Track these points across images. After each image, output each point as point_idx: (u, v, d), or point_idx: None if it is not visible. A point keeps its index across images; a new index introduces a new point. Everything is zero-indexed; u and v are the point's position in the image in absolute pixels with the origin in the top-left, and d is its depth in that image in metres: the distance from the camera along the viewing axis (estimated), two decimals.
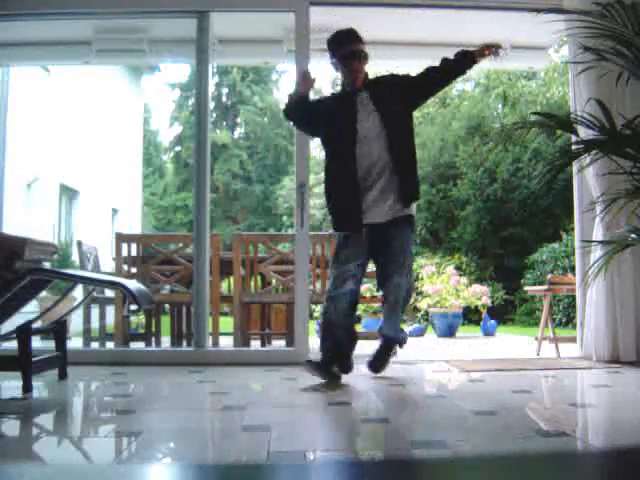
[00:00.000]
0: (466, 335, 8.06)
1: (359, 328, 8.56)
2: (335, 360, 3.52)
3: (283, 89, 24.70)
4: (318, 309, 8.52)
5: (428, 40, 5.57)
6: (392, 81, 3.69)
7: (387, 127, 3.48)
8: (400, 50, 5.68)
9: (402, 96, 3.57)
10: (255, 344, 5.58)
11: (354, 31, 3.61)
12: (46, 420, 2.77)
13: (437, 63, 3.77)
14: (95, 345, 5.22)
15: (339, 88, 3.84)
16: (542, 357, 4.79)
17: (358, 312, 8.52)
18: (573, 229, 4.87)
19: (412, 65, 5.22)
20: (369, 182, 3.46)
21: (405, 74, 3.78)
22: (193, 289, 4.58)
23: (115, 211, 12.74)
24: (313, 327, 7.39)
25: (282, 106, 3.75)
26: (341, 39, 3.59)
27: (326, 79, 20.72)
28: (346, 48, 3.56)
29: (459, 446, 2.08)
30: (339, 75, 3.68)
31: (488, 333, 8.11)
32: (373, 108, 3.52)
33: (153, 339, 5.37)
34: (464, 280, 8.56)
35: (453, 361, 4.45)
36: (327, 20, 5.16)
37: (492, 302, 9.22)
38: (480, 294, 8.33)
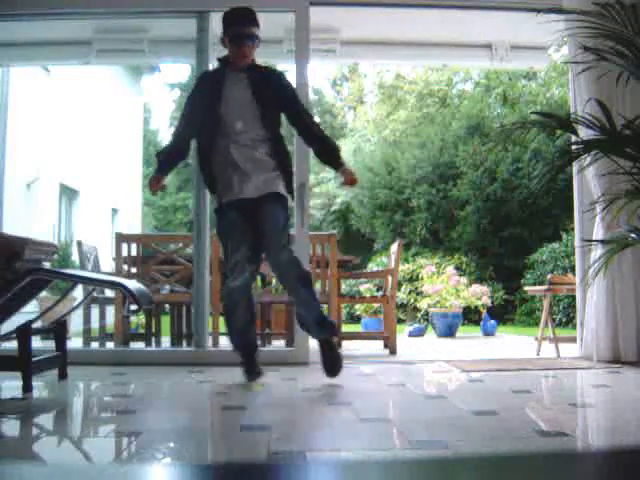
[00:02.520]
0: (466, 335, 8.06)
1: (359, 328, 8.58)
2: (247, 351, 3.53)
3: None
4: None
5: (428, 40, 5.58)
6: (276, 80, 3.57)
7: (258, 103, 3.41)
8: (400, 50, 5.69)
9: (278, 98, 3.51)
10: None
11: (251, 12, 3.50)
12: (46, 420, 2.78)
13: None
14: (95, 345, 5.22)
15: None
16: (542, 357, 4.79)
17: (358, 312, 8.53)
18: (573, 229, 4.87)
19: (412, 65, 5.22)
20: (233, 158, 3.42)
21: (290, 86, 3.67)
22: (193, 289, 4.58)
23: (115, 211, 12.74)
24: None
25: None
26: (236, 18, 3.46)
27: (325, 79, 20.75)
28: (240, 29, 3.43)
29: (459, 446, 2.08)
30: (226, 51, 3.55)
31: (488, 333, 8.11)
32: (248, 88, 3.44)
33: (153, 339, 5.37)
34: (464, 280, 8.57)
35: (453, 361, 4.45)
36: (327, 20, 5.18)
37: (492, 302, 9.23)
38: (480, 294, 8.33)
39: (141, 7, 4.58)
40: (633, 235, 3.12)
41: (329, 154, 3.58)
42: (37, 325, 3.67)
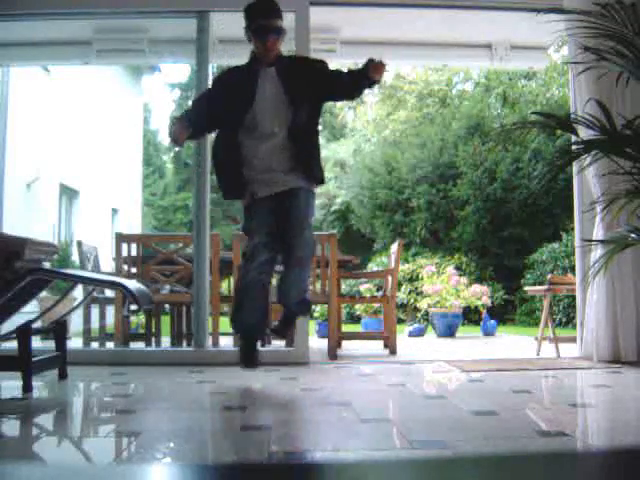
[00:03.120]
0: (466, 335, 8.06)
1: (359, 328, 8.58)
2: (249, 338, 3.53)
3: None
4: (318, 309, 8.51)
5: (428, 40, 5.58)
6: (305, 63, 3.56)
7: (291, 102, 3.34)
8: (400, 50, 5.69)
9: (311, 80, 3.42)
10: None
11: (274, 4, 3.38)
12: (46, 420, 2.78)
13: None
14: (95, 345, 5.22)
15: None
16: (542, 357, 4.79)
17: (358, 312, 8.53)
18: (573, 229, 4.87)
19: (412, 65, 5.23)
20: (262, 156, 3.37)
21: (320, 60, 3.61)
22: (193, 289, 4.58)
23: (115, 211, 12.74)
24: (313, 327, 7.39)
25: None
26: (259, 11, 3.36)
27: None
28: (264, 22, 3.34)
29: (459, 446, 2.08)
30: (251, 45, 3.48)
31: (488, 333, 8.11)
32: (281, 86, 3.37)
33: (153, 339, 5.37)
34: (464, 280, 8.56)
35: (453, 361, 4.45)
36: (327, 20, 5.18)
37: (492, 302, 9.22)
38: (480, 294, 8.33)
39: (141, 7, 4.58)
40: (633, 235, 3.12)
41: (360, 82, 3.40)
42: (37, 325, 3.67)
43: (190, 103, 3.73)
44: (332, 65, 3.71)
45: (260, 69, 3.42)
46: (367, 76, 3.29)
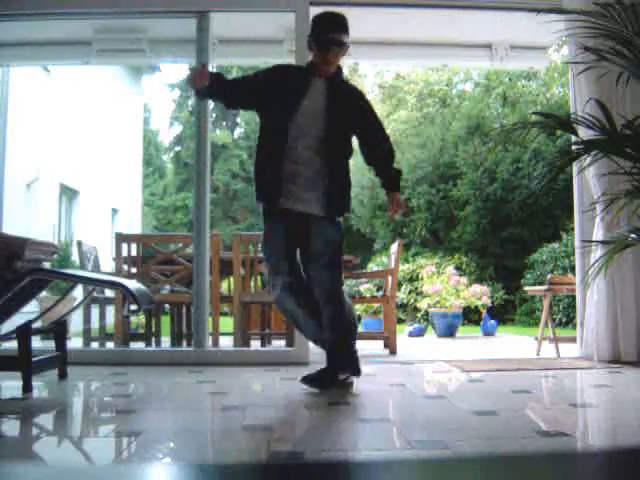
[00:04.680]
0: (466, 335, 8.06)
1: (359, 328, 8.58)
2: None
3: None
4: None
5: (428, 40, 5.57)
6: (355, 96, 3.49)
7: (328, 119, 3.31)
8: (400, 50, 5.69)
9: (352, 115, 3.41)
10: (255, 344, 5.58)
11: (343, 20, 3.38)
12: (46, 420, 2.77)
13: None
14: (95, 345, 5.22)
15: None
16: (542, 357, 4.79)
17: (358, 312, 8.54)
18: (573, 229, 4.87)
19: (412, 65, 5.23)
20: (297, 165, 3.30)
21: (369, 104, 3.57)
22: (193, 289, 4.58)
23: (115, 211, 12.74)
24: None
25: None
26: (328, 24, 3.33)
27: None
28: (332, 35, 3.30)
29: (459, 446, 2.08)
30: (310, 55, 3.45)
31: (488, 333, 8.11)
32: (325, 101, 3.33)
33: (153, 339, 5.37)
34: (464, 280, 8.56)
35: (453, 361, 4.45)
36: None
37: (492, 302, 9.22)
38: (480, 294, 8.33)
39: (141, 7, 4.58)
40: (633, 235, 3.12)
41: (387, 178, 3.46)
42: (37, 325, 3.67)
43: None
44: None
45: (312, 80, 3.39)
46: (385, 187, 3.45)
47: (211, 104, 4.89)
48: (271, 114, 3.39)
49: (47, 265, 3.78)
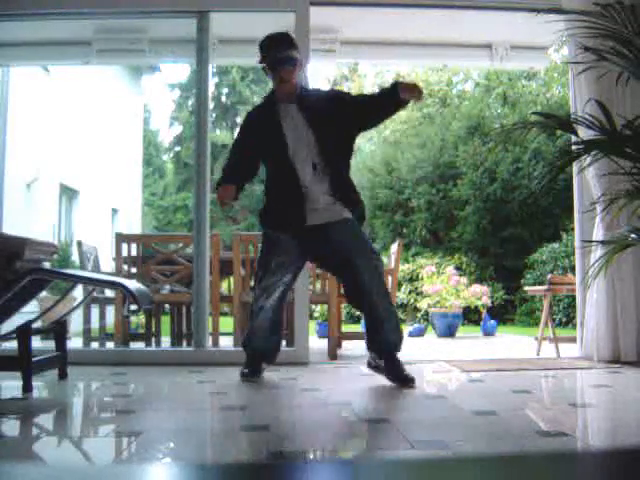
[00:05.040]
0: (466, 335, 8.06)
1: (359, 328, 8.57)
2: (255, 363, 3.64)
3: None
4: (318, 309, 8.51)
5: (428, 40, 5.58)
6: (326, 97, 3.51)
7: (317, 136, 3.34)
8: (400, 50, 5.69)
9: (336, 115, 3.38)
10: None
11: (287, 36, 3.44)
12: (46, 420, 2.77)
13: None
14: (95, 345, 5.21)
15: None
16: (542, 357, 4.79)
17: (358, 312, 8.52)
18: (573, 229, 4.87)
19: (412, 65, 5.23)
20: (309, 189, 3.37)
21: (340, 92, 3.61)
22: (193, 289, 4.58)
23: (115, 211, 12.74)
24: (313, 327, 7.39)
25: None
26: (271, 44, 3.40)
27: (326, 80, 20.75)
28: (277, 54, 3.36)
29: (459, 446, 2.08)
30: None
31: (488, 333, 8.11)
32: (305, 124, 3.36)
33: (153, 339, 5.37)
34: (464, 280, 8.57)
35: (453, 361, 4.45)
36: (327, 20, 5.18)
37: (492, 302, 9.23)
38: (480, 294, 8.33)
39: (141, 7, 4.58)
40: (633, 235, 3.12)
41: (388, 103, 3.33)
42: (37, 325, 3.67)
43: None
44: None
45: (280, 107, 3.41)
46: (396, 95, 3.25)
47: (211, 104, 4.90)
48: (268, 157, 3.47)
49: (47, 265, 3.78)
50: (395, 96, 3.25)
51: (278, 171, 3.46)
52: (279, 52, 3.36)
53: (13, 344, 3.16)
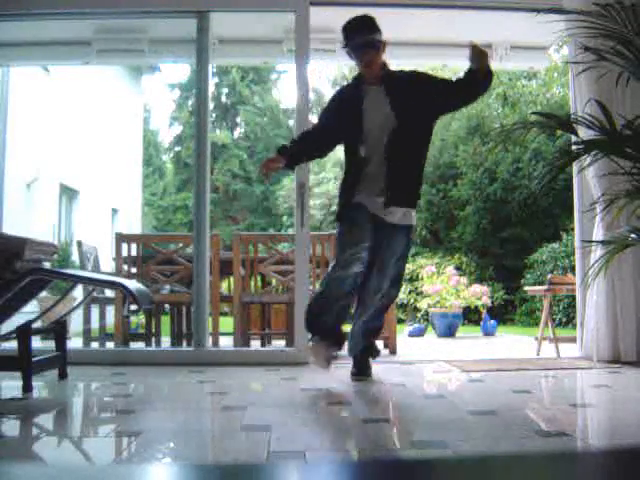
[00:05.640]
0: (466, 335, 8.06)
1: None
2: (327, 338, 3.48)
3: (283, 89, 24.73)
4: None
5: (428, 40, 5.57)
6: (413, 79, 3.47)
7: (398, 120, 3.32)
8: (400, 50, 5.68)
9: (423, 98, 3.37)
10: (255, 344, 5.58)
11: (369, 19, 3.40)
12: (46, 420, 2.77)
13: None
14: (95, 345, 5.21)
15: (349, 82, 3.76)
16: (542, 357, 4.79)
17: None
18: (573, 229, 4.87)
19: (412, 65, 5.24)
20: (373, 180, 3.39)
21: (429, 75, 3.58)
22: (193, 289, 4.58)
23: (115, 211, 12.74)
24: None
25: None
26: (354, 27, 3.38)
27: (326, 80, 20.74)
28: (358, 38, 3.35)
29: (459, 446, 2.08)
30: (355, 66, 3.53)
31: (488, 333, 8.11)
32: (388, 105, 3.35)
33: (153, 339, 5.37)
34: (464, 280, 8.56)
35: (453, 361, 4.45)
36: (327, 20, 5.17)
37: (492, 302, 9.22)
38: (480, 294, 8.33)
39: (141, 7, 4.58)
40: (633, 235, 3.12)
41: (471, 79, 3.33)
42: (37, 325, 3.67)
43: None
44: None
45: (365, 89, 3.42)
46: (475, 70, 3.24)
47: (211, 104, 4.90)
48: (347, 137, 3.46)
49: (47, 265, 3.78)
50: (473, 70, 3.26)
51: (352, 154, 3.47)
52: (360, 36, 3.35)
53: (13, 344, 3.16)
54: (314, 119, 4.23)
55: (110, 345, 5.11)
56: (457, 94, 3.40)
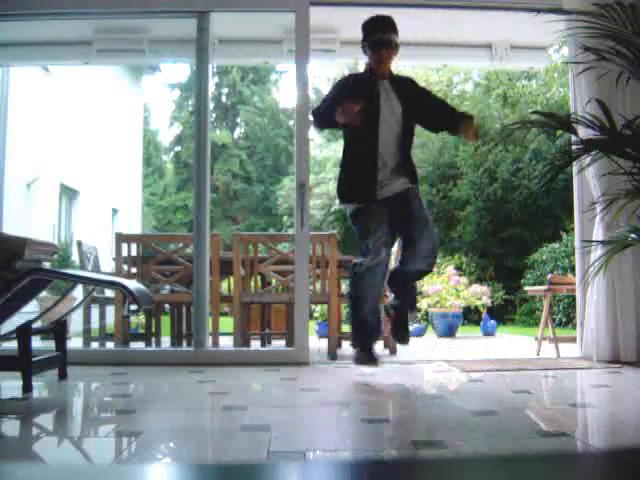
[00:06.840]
0: (466, 335, 8.06)
1: None
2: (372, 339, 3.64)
3: (283, 89, 24.73)
4: (318, 309, 8.50)
5: (428, 40, 5.58)
6: (412, 85, 3.80)
7: (404, 113, 3.59)
8: (400, 50, 5.67)
9: (416, 102, 3.68)
10: (255, 344, 5.58)
11: (390, 20, 3.64)
12: (46, 420, 2.77)
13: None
14: (95, 345, 5.21)
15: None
16: (542, 357, 4.79)
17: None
18: (573, 229, 4.87)
19: (412, 65, 5.23)
20: (385, 160, 3.59)
21: (424, 87, 3.91)
22: (193, 289, 4.58)
23: (115, 211, 12.74)
24: (313, 327, 7.39)
25: (311, 117, 3.82)
26: (376, 26, 3.62)
27: (325, 79, 20.74)
28: (381, 36, 3.59)
29: (459, 446, 2.08)
30: (365, 58, 3.73)
31: (488, 333, 8.11)
32: (396, 99, 3.61)
33: (153, 339, 5.37)
34: (464, 280, 8.56)
35: (453, 361, 4.46)
36: (327, 20, 5.18)
37: (492, 302, 9.22)
38: (480, 294, 8.33)
39: (141, 7, 4.58)
40: (633, 235, 3.12)
41: (448, 122, 3.69)
42: (37, 325, 3.67)
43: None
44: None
45: (378, 82, 3.65)
46: (458, 125, 3.55)
47: (211, 104, 4.90)
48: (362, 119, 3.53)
49: (47, 265, 3.78)
50: (456, 125, 3.57)
51: (358, 140, 3.61)
52: (381, 35, 3.60)
53: (13, 344, 3.16)
54: None
55: (110, 345, 5.11)
56: (443, 120, 3.71)
